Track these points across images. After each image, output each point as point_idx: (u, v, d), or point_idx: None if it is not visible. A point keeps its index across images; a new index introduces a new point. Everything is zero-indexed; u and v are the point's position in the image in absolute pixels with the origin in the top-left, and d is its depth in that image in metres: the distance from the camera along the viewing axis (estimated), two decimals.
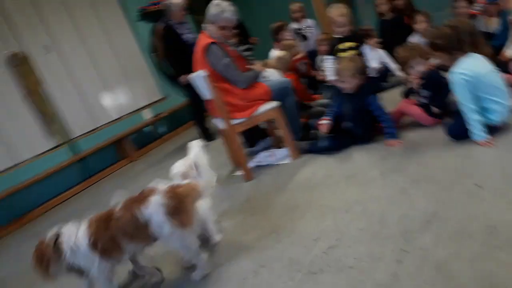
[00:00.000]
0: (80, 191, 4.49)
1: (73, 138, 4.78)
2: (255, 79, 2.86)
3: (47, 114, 4.55)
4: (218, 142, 4.25)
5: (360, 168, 2.41)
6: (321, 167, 2.65)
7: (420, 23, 3.73)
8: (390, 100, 3.04)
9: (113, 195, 1.85)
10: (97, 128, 5.11)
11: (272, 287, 1.60)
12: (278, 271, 1.69)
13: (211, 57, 2.72)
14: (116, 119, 5.38)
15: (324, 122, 2.80)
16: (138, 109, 5.73)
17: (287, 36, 4.26)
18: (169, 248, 1.91)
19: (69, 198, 4.37)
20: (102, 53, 5.41)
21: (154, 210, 1.69)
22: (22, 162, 4.29)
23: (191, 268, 1.88)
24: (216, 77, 2.74)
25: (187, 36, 4.20)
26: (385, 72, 3.89)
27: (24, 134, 4.36)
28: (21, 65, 4.40)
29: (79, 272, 1.77)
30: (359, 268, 1.52)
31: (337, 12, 3.15)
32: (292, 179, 2.62)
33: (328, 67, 3.23)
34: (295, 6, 4.78)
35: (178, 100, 6.32)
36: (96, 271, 1.73)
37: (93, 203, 3.82)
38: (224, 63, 2.72)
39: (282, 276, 1.65)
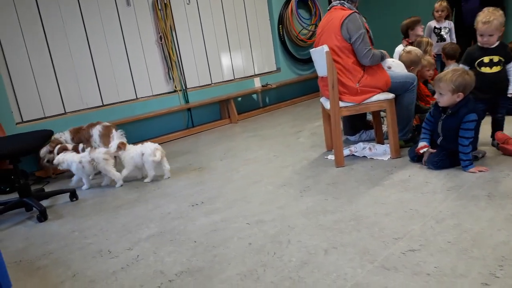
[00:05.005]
0: (182, 137, 4.85)
1: (187, 88, 5.15)
2: (380, 60, 2.77)
3: (171, 60, 4.95)
4: (318, 123, 4.25)
5: (465, 184, 2.22)
6: (420, 173, 2.50)
7: None
8: None
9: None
10: (209, 84, 5.43)
11: (339, 269, 1.58)
12: (349, 255, 1.66)
13: (351, 25, 2.69)
14: (227, 80, 5.66)
15: (423, 150, 2.55)
16: (250, 76, 5.94)
17: (419, 33, 4.05)
18: None
19: (170, 141, 4.76)
20: (234, 15, 5.71)
21: (94, 132, 3.56)
22: (142, 98, 4.78)
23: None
24: (343, 49, 2.72)
25: None
26: None
27: (149, 73, 4.83)
28: (163, 9, 4.83)
29: None
30: (437, 278, 1.43)
31: (483, 18, 2.79)
32: (386, 176, 2.52)
33: None
34: (439, 4, 4.49)
35: (289, 75, 6.41)
36: None
37: (189, 151, 4.11)
38: (362, 32, 2.69)
39: (352, 261, 1.62)
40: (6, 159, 2.84)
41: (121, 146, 3.19)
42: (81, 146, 3.53)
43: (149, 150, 3.10)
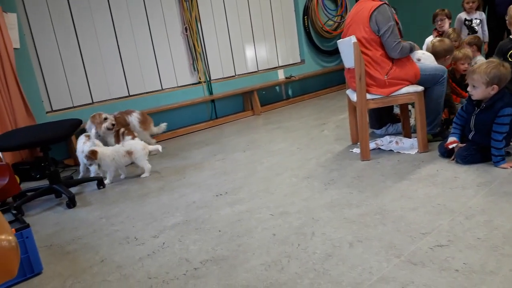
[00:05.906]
0: (205, 128, 4.88)
1: (211, 80, 5.17)
2: (409, 52, 2.71)
3: (196, 51, 4.98)
4: (343, 116, 4.20)
5: (496, 179, 2.15)
6: (448, 168, 2.44)
7: None
8: None
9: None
10: (233, 76, 5.44)
11: (364, 262, 1.56)
12: (375, 249, 1.65)
13: (380, 17, 2.63)
14: (251, 72, 5.65)
15: (452, 146, 2.50)
16: (274, 67, 5.91)
17: (443, 25, 3.97)
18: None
19: (194, 132, 4.80)
20: (259, 6, 5.68)
21: (132, 119, 3.79)
22: (167, 89, 4.83)
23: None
24: (371, 42, 2.66)
25: None
26: None
27: (174, 65, 4.87)
28: (188, 1, 4.85)
29: None
30: (466, 274, 1.39)
31: None
32: (413, 171, 2.47)
33: None
34: None
35: (314, 67, 6.35)
36: None
37: (213, 142, 4.14)
38: (391, 24, 2.63)
39: (377, 255, 1.60)
40: (37, 146, 2.93)
41: (91, 157, 3.02)
42: (122, 130, 3.56)
43: (139, 146, 3.14)
